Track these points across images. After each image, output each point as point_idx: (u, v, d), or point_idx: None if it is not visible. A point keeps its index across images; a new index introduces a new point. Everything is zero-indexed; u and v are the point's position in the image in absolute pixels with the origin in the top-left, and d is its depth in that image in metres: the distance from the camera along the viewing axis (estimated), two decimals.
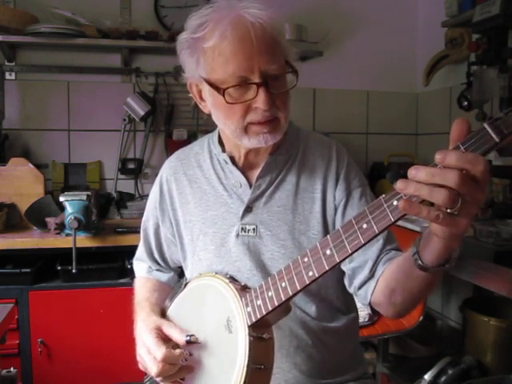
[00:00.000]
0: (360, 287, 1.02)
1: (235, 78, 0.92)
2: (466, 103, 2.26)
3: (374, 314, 2.04)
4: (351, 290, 1.06)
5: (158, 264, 1.25)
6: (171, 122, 2.66)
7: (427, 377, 1.71)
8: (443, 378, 1.71)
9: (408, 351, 2.33)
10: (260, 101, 0.93)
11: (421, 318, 1.97)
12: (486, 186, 0.63)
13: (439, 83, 2.70)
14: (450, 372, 1.72)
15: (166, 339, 0.96)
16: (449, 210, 0.62)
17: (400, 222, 2.29)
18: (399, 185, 0.65)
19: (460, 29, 2.41)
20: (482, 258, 1.61)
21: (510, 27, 1.99)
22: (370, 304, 1.01)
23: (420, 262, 0.78)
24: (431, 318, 2.60)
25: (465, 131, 0.64)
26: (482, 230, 1.68)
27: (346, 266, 1.04)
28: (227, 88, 0.93)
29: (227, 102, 0.94)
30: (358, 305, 1.25)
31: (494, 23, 1.96)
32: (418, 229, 1.95)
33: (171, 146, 2.59)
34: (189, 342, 0.92)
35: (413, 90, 3.01)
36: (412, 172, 0.64)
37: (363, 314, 1.99)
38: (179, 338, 0.93)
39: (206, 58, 0.95)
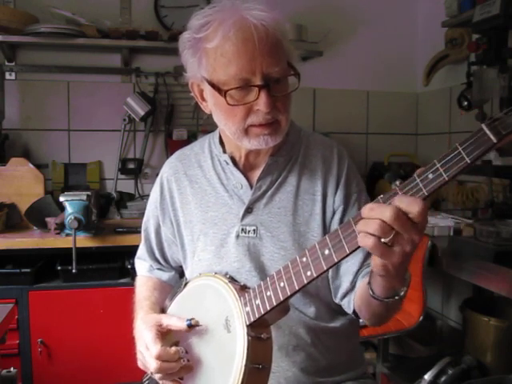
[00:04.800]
0: (343, 298, 1.06)
1: (237, 79, 0.92)
2: (466, 103, 2.26)
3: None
4: (336, 301, 1.08)
5: (159, 263, 1.25)
6: (171, 121, 2.66)
7: (427, 377, 1.71)
8: (443, 378, 1.71)
9: (408, 351, 2.33)
10: (261, 103, 0.92)
11: (421, 318, 1.97)
12: (423, 228, 0.68)
13: (439, 83, 2.70)
14: (449, 372, 1.72)
15: (164, 335, 0.96)
16: (382, 240, 0.68)
17: None
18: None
19: (460, 29, 2.41)
20: (481, 258, 1.61)
21: (510, 27, 1.99)
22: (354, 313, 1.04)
23: (371, 292, 0.84)
24: (431, 318, 2.60)
25: None
26: (482, 230, 1.68)
27: (332, 279, 1.07)
28: (229, 90, 0.93)
29: (228, 104, 0.94)
30: None
31: (494, 23, 1.96)
32: None
33: (171, 146, 2.59)
34: (190, 326, 0.92)
35: (413, 90, 3.01)
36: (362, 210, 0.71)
37: None
38: (180, 324, 0.94)
39: (208, 58, 0.95)
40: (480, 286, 1.77)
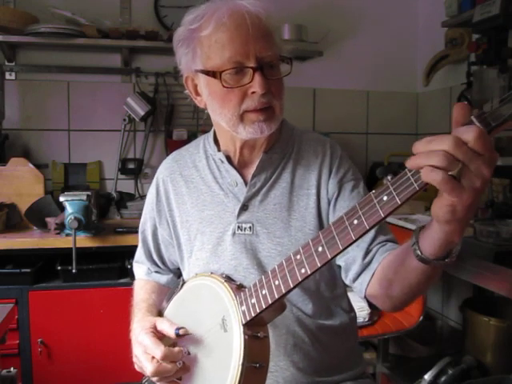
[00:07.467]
0: (355, 279, 1.02)
1: (231, 62, 0.95)
2: (466, 103, 2.26)
3: (371, 307, 2.02)
4: (347, 283, 1.06)
5: (157, 266, 1.25)
6: (171, 122, 2.66)
7: (427, 377, 1.71)
8: (443, 378, 1.71)
9: (408, 351, 2.33)
10: (256, 85, 0.94)
11: (421, 317, 1.98)
12: (491, 160, 0.62)
13: (439, 83, 2.70)
14: (450, 372, 1.71)
15: (162, 338, 0.96)
16: (450, 173, 0.62)
17: (400, 222, 2.27)
18: (407, 163, 0.65)
19: (460, 29, 2.41)
20: (482, 257, 1.61)
21: (510, 27, 1.99)
22: (366, 297, 1.01)
23: (419, 252, 0.76)
24: (431, 318, 2.60)
25: (467, 115, 0.64)
26: (482, 230, 1.67)
27: (340, 260, 1.05)
28: (224, 71, 0.95)
29: (224, 87, 0.95)
30: (359, 304, 1.25)
31: (494, 23, 1.96)
32: None
33: (171, 146, 2.59)
34: (178, 335, 0.92)
35: (413, 90, 3.01)
36: (415, 145, 0.65)
37: (363, 313, 1.98)
38: (169, 331, 0.94)
39: (202, 47, 0.97)
40: (480, 286, 1.77)
